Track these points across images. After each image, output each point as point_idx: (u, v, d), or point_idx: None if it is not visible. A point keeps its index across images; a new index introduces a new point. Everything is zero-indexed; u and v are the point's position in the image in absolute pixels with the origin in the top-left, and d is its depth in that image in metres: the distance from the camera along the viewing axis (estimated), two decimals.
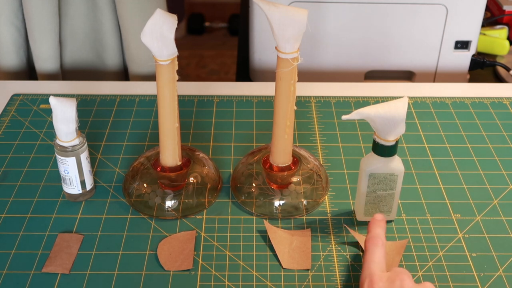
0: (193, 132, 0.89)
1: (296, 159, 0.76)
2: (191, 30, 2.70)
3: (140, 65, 1.14)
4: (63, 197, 0.77)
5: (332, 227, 0.73)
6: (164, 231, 0.72)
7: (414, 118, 0.93)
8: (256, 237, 0.72)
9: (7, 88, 1.00)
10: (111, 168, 0.82)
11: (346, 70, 1.09)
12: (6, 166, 0.82)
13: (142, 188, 0.76)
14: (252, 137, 0.89)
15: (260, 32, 1.05)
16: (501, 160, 0.84)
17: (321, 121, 0.92)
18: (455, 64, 1.09)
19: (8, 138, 0.87)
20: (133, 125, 0.91)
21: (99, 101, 0.96)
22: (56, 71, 1.13)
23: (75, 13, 1.11)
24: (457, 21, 1.04)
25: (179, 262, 0.68)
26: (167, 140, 0.73)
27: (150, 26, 0.64)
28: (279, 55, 0.66)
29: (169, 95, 0.69)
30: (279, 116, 0.70)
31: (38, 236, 0.71)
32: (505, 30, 1.21)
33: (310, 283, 0.66)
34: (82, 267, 0.68)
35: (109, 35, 1.14)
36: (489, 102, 0.97)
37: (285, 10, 0.62)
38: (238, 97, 0.98)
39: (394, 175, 0.69)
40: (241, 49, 1.26)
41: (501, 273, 0.67)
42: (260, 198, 0.76)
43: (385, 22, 1.04)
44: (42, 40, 1.08)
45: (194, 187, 0.76)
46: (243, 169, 0.79)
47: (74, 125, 0.71)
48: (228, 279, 0.66)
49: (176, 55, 0.67)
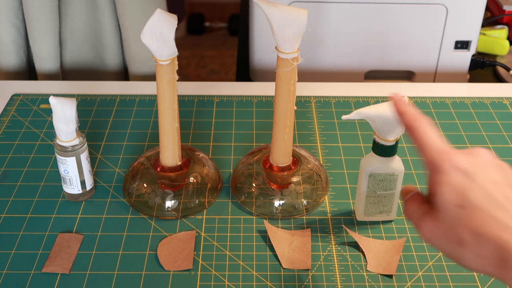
0: (193, 132, 0.89)
1: (296, 159, 0.76)
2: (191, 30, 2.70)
3: (140, 65, 1.14)
4: (63, 197, 0.77)
5: (332, 227, 0.73)
6: (164, 231, 0.72)
7: None
8: (256, 237, 0.72)
9: (7, 88, 1.00)
10: (111, 168, 0.82)
11: (346, 70, 1.09)
12: (6, 166, 0.82)
13: (142, 188, 0.76)
14: (252, 137, 0.89)
15: (260, 32, 1.05)
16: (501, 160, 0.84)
17: (321, 121, 0.92)
18: (455, 64, 1.09)
19: (8, 138, 0.87)
20: (133, 125, 0.91)
21: (99, 101, 0.96)
22: (56, 71, 1.13)
23: (75, 13, 1.11)
24: (457, 21, 1.04)
25: (179, 262, 0.68)
26: (167, 140, 0.73)
27: (150, 26, 0.64)
28: (279, 55, 0.66)
29: (169, 95, 0.69)
30: (279, 116, 0.70)
31: (38, 236, 0.71)
32: (505, 30, 1.21)
33: (310, 283, 0.66)
34: (82, 267, 0.68)
35: (109, 35, 1.14)
36: (489, 102, 0.97)
37: (285, 10, 0.62)
38: (238, 97, 0.98)
39: (394, 175, 0.69)
40: (241, 49, 1.26)
41: None
42: (260, 198, 0.76)
43: (385, 22, 1.04)
44: (42, 40, 1.08)
45: (194, 187, 0.76)
46: (243, 169, 0.79)
47: (74, 125, 0.71)
48: (228, 279, 0.66)
49: (176, 55, 0.67)
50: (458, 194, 0.51)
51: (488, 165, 0.53)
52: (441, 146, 0.53)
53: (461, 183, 0.51)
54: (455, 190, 0.51)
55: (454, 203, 0.51)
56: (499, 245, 0.48)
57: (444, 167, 0.52)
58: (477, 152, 0.53)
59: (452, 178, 0.51)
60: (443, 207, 0.52)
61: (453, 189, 0.51)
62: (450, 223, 0.51)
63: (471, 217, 0.50)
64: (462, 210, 0.51)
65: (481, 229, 0.49)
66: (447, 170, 0.52)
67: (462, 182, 0.51)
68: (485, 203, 0.50)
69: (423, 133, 0.54)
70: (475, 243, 0.49)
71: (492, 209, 0.50)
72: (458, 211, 0.51)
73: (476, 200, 0.50)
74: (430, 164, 0.53)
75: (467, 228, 0.50)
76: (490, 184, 0.51)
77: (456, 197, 0.51)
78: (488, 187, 0.51)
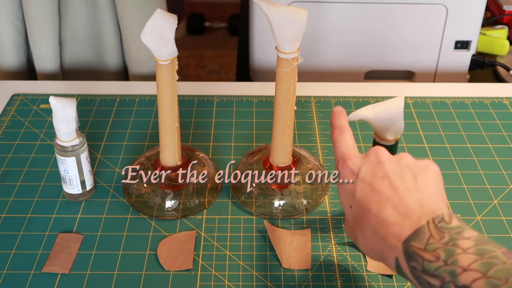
0: (193, 132, 0.89)
1: (296, 159, 0.77)
2: (191, 30, 2.70)
3: (140, 65, 1.14)
4: (63, 197, 0.77)
5: (332, 227, 0.73)
6: (164, 231, 0.72)
7: (414, 118, 0.93)
8: (256, 237, 0.72)
9: (7, 88, 1.00)
10: (111, 168, 0.82)
11: (346, 70, 1.09)
12: (6, 166, 0.82)
13: (142, 188, 0.76)
14: (252, 137, 0.89)
15: (260, 32, 1.05)
16: (501, 160, 0.84)
17: (321, 121, 0.92)
18: (455, 64, 1.09)
19: (8, 138, 0.87)
20: (133, 125, 0.91)
21: (99, 101, 0.96)
22: (56, 71, 1.13)
23: (75, 13, 1.11)
24: (457, 21, 1.04)
25: (179, 262, 0.68)
26: (167, 140, 0.73)
27: (150, 26, 0.64)
28: (279, 55, 0.66)
29: (169, 95, 0.69)
30: (279, 116, 0.70)
31: (38, 236, 0.71)
32: (505, 30, 1.21)
33: (310, 283, 0.66)
34: (82, 267, 0.68)
35: (109, 35, 1.14)
36: (489, 102, 0.97)
37: (285, 10, 0.62)
38: (238, 97, 0.98)
39: None
40: (241, 49, 1.26)
41: None
42: (260, 198, 0.76)
43: (385, 22, 1.04)
44: (42, 40, 1.08)
45: (194, 187, 0.76)
46: (243, 169, 0.79)
47: (74, 125, 0.71)
48: (228, 279, 0.66)
49: (176, 55, 0.67)
50: (348, 195, 0.56)
51: (376, 159, 0.55)
52: (344, 152, 0.57)
53: (350, 185, 0.55)
54: (346, 192, 0.56)
55: (346, 203, 0.56)
56: (378, 239, 0.52)
57: (340, 171, 0.57)
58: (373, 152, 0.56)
59: (345, 181, 0.56)
60: (343, 209, 0.57)
61: (345, 190, 0.56)
62: (349, 222, 0.56)
63: (357, 214, 0.54)
64: (352, 210, 0.55)
65: (363, 225, 0.53)
66: (341, 173, 0.57)
67: (352, 184, 0.55)
68: (367, 199, 0.53)
69: (336, 141, 0.59)
70: (362, 238, 0.54)
71: (372, 204, 0.53)
72: (350, 211, 0.56)
73: (359, 198, 0.54)
74: (336, 166, 0.58)
75: (357, 226, 0.54)
76: (376, 179, 0.54)
77: (347, 198, 0.56)
78: (372, 182, 0.54)
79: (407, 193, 0.52)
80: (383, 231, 0.51)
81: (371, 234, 0.52)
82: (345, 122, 0.61)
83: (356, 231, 0.55)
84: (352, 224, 0.55)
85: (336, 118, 0.61)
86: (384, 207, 0.52)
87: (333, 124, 0.61)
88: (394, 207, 0.51)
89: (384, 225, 0.51)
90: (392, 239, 0.50)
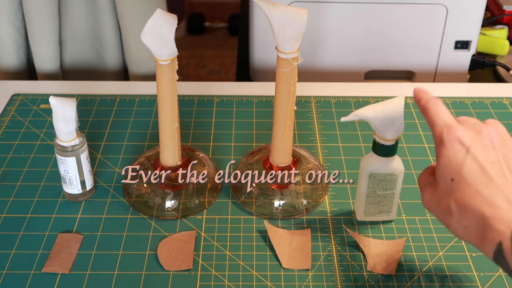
0: (193, 132, 0.89)
1: (296, 159, 0.77)
2: (191, 30, 2.70)
3: (140, 65, 1.14)
4: (63, 197, 0.77)
5: (332, 227, 0.73)
6: (164, 231, 0.72)
7: (414, 118, 0.93)
8: (256, 237, 0.72)
9: (7, 88, 1.00)
10: (111, 168, 0.82)
11: (346, 70, 1.09)
12: (6, 166, 0.82)
13: (142, 188, 0.76)
14: (252, 137, 0.89)
15: (260, 32, 1.05)
16: None
17: (321, 121, 0.92)
18: (455, 64, 1.09)
19: (8, 138, 0.87)
20: (133, 125, 0.91)
21: (99, 101, 0.96)
22: (56, 71, 1.13)
23: (75, 13, 1.11)
24: (457, 21, 1.04)
25: (179, 262, 0.68)
26: (167, 140, 0.73)
27: (150, 26, 0.64)
28: (279, 55, 0.66)
29: (169, 95, 0.69)
30: (279, 116, 0.70)
31: (38, 236, 0.71)
32: (505, 30, 1.21)
33: (310, 283, 0.66)
34: (82, 267, 0.68)
35: (109, 35, 1.14)
36: (489, 102, 0.97)
37: (285, 10, 0.62)
38: (238, 97, 0.98)
39: (394, 175, 0.69)
40: (241, 49, 1.26)
41: (501, 273, 0.67)
42: (260, 198, 0.76)
43: (385, 22, 1.04)
44: (42, 40, 1.08)
45: (194, 187, 0.76)
46: (243, 169, 0.79)
47: (74, 125, 0.71)
48: (228, 279, 0.66)
49: (176, 55, 0.67)
50: (453, 168, 0.55)
51: (491, 142, 0.55)
52: (448, 121, 0.56)
53: (458, 158, 0.55)
54: (451, 164, 0.55)
55: (448, 175, 0.55)
56: (481, 219, 0.52)
57: (446, 140, 0.55)
58: (485, 128, 0.56)
59: (451, 152, 0.55)
60: (439, 179, 0.56)
61: (450, 162, 0.55)
62: (442, 194, 0.56)
63: (460, 190, 0.54)
64: (453, 183, 0.54)
65: (466, 202, 0.53)
66: (448, 143, 0.55)
67: (460, 156, 0.54)
68: (476, 179, 0.53)
69: (433, 110, 0.57)
70: (460, 214, 0.54)
71: (481, 185, 0.53)
72: (449, 184, 0.55)
73: (467, 175, 0.54)
74: (436, 138, 0.57)
75: (454, 200, 0.54)
76: (487, 163, 0.54)
77: (450, 170, 0.55)
78: (483, 164, 0.54)
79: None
80: (490, 213, 0.51)
81: (473, 213, 0.52)
82: (427, 94, 0.60)
83: (451, 204, 0.54)
84: (448, 196, 0.55)
85: (424, 93, 0.60)
86: (495, 193, 0.52)
87: (422, 97, 0.60)
88: (505, 196, 0.52)
89: (493, 209, 0.51)
90: (501, 225, 0.50)
